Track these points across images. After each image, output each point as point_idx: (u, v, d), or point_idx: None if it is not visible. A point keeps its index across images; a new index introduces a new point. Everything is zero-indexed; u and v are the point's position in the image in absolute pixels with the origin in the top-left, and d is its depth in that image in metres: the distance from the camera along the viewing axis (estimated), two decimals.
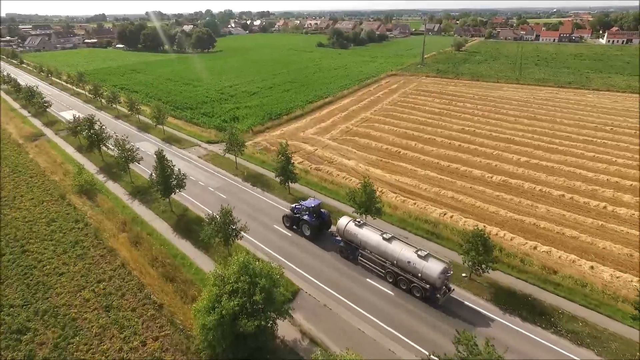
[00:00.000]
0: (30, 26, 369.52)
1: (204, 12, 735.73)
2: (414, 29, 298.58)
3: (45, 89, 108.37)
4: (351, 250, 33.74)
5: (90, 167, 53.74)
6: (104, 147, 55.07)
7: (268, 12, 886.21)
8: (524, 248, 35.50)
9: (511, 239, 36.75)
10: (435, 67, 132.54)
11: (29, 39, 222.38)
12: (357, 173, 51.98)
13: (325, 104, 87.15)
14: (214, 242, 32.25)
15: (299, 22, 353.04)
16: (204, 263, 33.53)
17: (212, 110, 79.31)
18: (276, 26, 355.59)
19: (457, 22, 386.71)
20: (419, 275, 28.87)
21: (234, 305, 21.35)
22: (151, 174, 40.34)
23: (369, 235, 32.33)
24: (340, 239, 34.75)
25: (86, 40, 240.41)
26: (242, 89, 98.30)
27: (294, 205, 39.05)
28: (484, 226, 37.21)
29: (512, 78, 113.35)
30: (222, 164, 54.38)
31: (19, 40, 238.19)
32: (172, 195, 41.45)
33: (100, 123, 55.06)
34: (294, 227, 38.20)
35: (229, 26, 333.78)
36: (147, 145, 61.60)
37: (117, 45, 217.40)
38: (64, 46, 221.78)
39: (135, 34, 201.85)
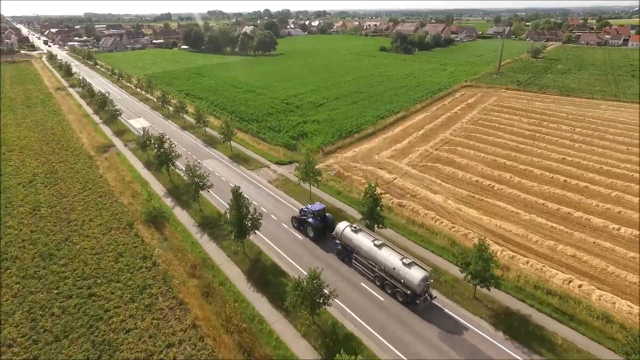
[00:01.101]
0: (104, 26, 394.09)
1: (262, 11, 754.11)
2: (480, 32, 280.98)
3: (116, 93, 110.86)
4: (347, 253, 36.07)
5: (158, 188, 51.24)
6: (171, 166, 52.40)
7: (325, 11, 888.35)
8: None
9: None
10: (514, 78, 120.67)
11: (103, 40, 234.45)
12: (448, 213, 45.06)
13: (397, 119, 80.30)
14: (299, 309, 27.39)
15: (357, 23, 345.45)
16: (286, 332, 28.62)
17: (278, 123, 75.32)
18: (335, 27, 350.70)
19: (527, 24, 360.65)
20: (402, 281, 30.74)
21: None
22: (225, 213, 36.16)
23: (363, 240, 34.30)
24: (338, 242, 36.60)
25: (154, 41, 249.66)
26: (308, 99, 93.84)
27: (302, 207, 41.74)
28: None
29: (608, 93, 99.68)
30: (294, 192, 49.63)
31: (94, 41, 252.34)
32: None
33: (170, 141, 52.41)
34: (301, 227, 41.00)
35: (288, 27, 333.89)
36: (214, 164, 58.48)
37: (182, 47, 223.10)
38: (133, 46, 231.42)
39: (199, 36, 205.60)
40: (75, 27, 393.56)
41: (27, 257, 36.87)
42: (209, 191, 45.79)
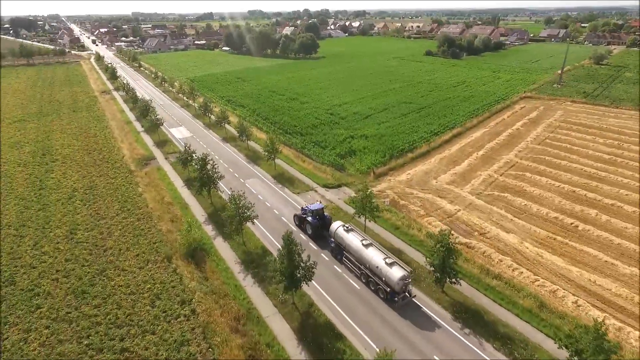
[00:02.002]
0: (150, 25, 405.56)
1: (301, 11, 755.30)
2: (532, 35, 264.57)
3: (158, 97, 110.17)
4: (339, 251, 38.15)
5: (198, 212, 47.68)
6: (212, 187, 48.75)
7: (364, 11, 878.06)
8: None
9: None
10: (579, 89, 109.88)
11: (148, 41, 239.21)
12: (527, 260, 38.50)
13: (453, 136, 73.41)
14: None
15: (400, 24, 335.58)
16: None
17: (324, 138, 70.48)
18: (376, 28, 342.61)
19: (584, 25, 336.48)
20: (383, 279, 32.33)
21: None
22: (275, 260, 31.50)
23: (352, 240, 36.06)
24: (332, 240, 38.58)
25: (196, 42, 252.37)
26: (353, 110, 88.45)
27: (303, 206, 44.28)
28: None
29: None
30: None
31: (140, 41, 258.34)
32: None
33: (213, 162, 48.72)
34: (302, 226, 43.02)
35: (328, 28, 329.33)
36: (257, 185, 54.41)
37: (224, 48, 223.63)
38: (176, 47, 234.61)
39: (240, 38, 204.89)
40: (123, 26, 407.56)
41: (59, 293, 33.90)
42: (253, 222, 41.50)
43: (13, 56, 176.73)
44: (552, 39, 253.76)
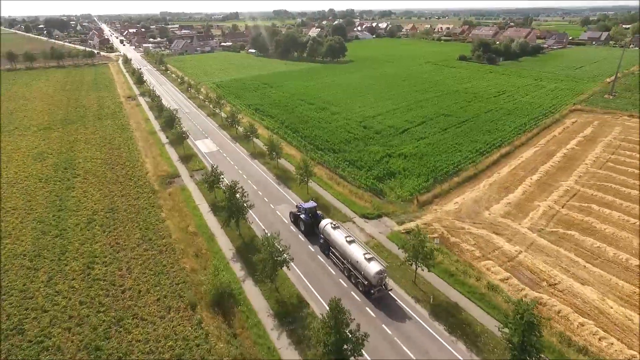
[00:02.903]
0: (177, 26, 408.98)
1: (326, 11, 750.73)
2: (570, 37, 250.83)
3: (183, 104, 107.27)
4: (326, 246, 40.44)
5: (225, 245, 43.17)
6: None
7: (390, 11, 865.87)
8: None
9: None
10: (634, 100, 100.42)
11: (175, 42, 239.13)
12: (615, 326, 32.19)
13: (501, 156, 66.70)
14: None
15: (429, 26, 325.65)
16: None
17: (358, 156, 65.08)
18: (404, 30, 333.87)
19: (627, 27, 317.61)
20: (362, 273, 34.81)
21: None
22: (317, 330, 26.33)
23: (338, 236, 38.37)
24: (322, 236, 41.01)
25: (222, 44, 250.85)
26: (388, 122, 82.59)
27: (297, 204, 46.87)
28: None
29: None
30: (391, 268, 38.98)
31: (167, 43, 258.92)
32: None
33: (242, 189, 44.13)
34: (296, 222, 45.75)
35: (355, 29, 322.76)
36: (288, 211, 49.46)
37: (250, 50, 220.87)
38: (203, 49, 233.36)
39: (267, 40, 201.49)
40: (151, 27, 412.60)
41: (71, 348, 29.92)
42: (288, 267, 36.54)
43: (44, 58, 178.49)
44: (593, 42, 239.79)
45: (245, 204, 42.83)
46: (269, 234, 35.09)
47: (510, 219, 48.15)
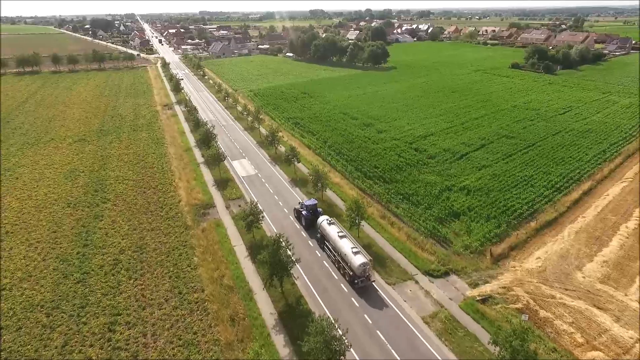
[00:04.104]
0: (215, 27, 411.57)
1: (363, 11, 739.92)
2: (634, 41, 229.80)
3: (220, 114, 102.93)
4: (322, 240, 44.55)
5: (266, 308, 36.65)
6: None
7: (429, 11, 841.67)
8: None
9: None
10: None
11: (213, 45, 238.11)
12: None
13: (583, 193, 56.91)
14: None
15: (473, 28, 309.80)
16: None
17: (414, 189, 57.27)
18: (446, 32, 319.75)
19: None
20: (348, 264, 38.27)
21: None
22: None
23: (332, 231, 42.20)
24: (319, 231, 44.84)
25: (259, 46, 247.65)
26: (443, 144, 74.07)
27: (300, 202, 51.24)
28: None
29: None
30: (467, 352, 31.22)
31: (205, 45, 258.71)
32: None
33: (287, 241, 37.64)
34: (298, 218, 49.79)
35: (395, 32, 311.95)
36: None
37: (287, 54, 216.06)
38: (240, 52, 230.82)
39: (305, 44, 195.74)
40: (190, 27, 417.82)
41: None
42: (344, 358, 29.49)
43: (86, 61, 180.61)
44: None
45: (290, 258, 36.26)
46: (324, 322, 27.97)
47: (612, 285, 39.10)
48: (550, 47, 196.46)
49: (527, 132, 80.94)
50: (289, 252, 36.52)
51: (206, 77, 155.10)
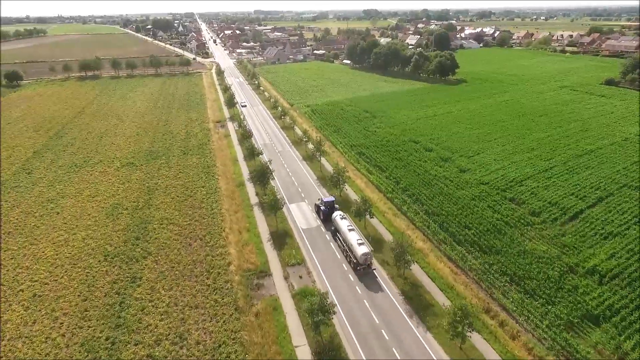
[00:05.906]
0: (270, 28, 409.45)
1: (419, 11, 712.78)
2: None
3: (276, 138, 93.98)
4: (335, 233, 50.74)
5: None
6: None
7: (490, 12, 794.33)
8: None
9: None
10: None
11: (268, 50, 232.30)
12: None
13: None
14: None
15: (548, 33, 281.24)
16: None
17: (522, 266, 44.31)
18: (515, 37, 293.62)
19: None
20: (353, 253, 44.55)
21: None
22: None
23: (343, 224, 48.26)
24: (333, 224, 51.56)
25: (315, 52, 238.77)
26: (546, 195, 59.65)
27: (320, 198, 58.18)
28: None
29: None
30: None
31: (260, 49, 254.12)
32: None
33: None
34: (318, 212, 56.42)
35: (458, 36, 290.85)
36: None
37: (345, 61, 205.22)
38: (295, 58, 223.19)
39: (365, 51, 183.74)
40: (245, 27, 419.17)
41: None
42: None
43: (144, 66, 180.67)
44: None
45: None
46: None
47: None
48: None
49: None
50: None
51: (261, 87, 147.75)
